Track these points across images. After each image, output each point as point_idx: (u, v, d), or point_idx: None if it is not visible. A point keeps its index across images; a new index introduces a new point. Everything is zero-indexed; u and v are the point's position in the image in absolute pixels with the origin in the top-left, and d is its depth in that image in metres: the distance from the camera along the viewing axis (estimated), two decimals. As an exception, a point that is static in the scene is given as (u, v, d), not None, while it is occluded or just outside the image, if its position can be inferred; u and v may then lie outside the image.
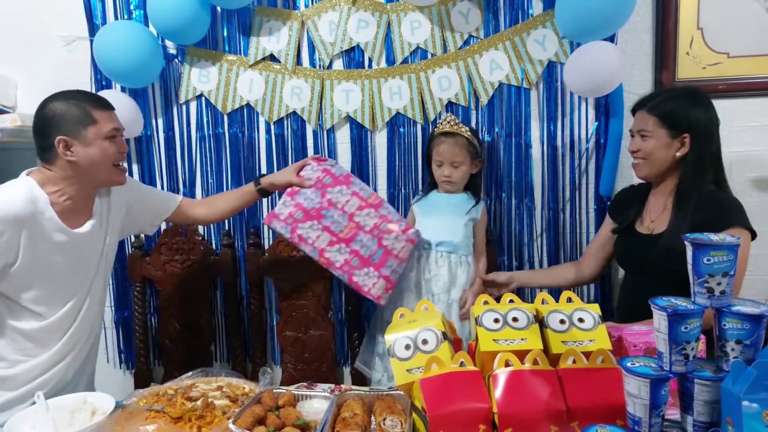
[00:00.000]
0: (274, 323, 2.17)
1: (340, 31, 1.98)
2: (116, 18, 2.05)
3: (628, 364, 1.05)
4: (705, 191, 1.48)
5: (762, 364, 0.90)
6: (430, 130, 1.79)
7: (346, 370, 2.18)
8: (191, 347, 2.20)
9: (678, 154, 1.49)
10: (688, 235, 1.01)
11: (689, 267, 1.01)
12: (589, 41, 1.76)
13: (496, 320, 1.27)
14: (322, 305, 2.11)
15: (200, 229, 2.16)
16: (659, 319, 1.01)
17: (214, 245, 2.17)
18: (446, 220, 1.78)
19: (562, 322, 1.27)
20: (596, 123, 1.93)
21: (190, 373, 1.64)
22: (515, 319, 1.27)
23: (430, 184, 1.86)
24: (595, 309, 1.29)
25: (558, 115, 1.96)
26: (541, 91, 1.95)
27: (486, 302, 1.39)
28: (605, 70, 1.72)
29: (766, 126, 1.89)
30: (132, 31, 1.91)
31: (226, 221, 2.14)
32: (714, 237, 1.00)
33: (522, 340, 1.23)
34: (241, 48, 2.04)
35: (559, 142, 1.97)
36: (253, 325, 2.15)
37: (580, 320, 1.28)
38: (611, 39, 1.84)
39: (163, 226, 2.17)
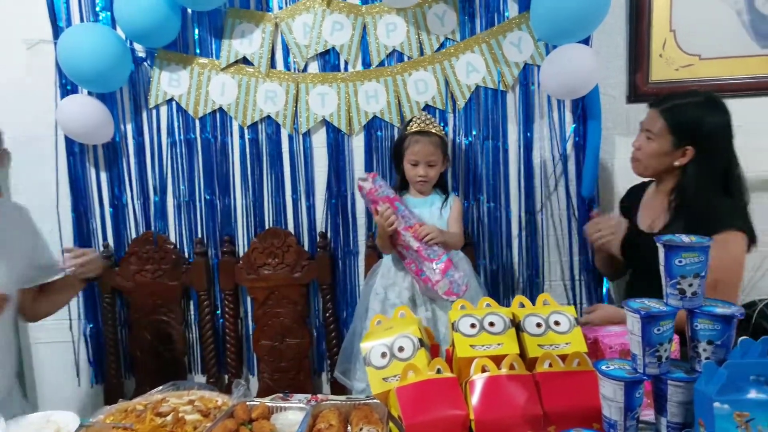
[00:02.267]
0: (250, 332, 2.11)
1: (315, 34, 1.95)
2: (82, 20, 1.99)
3: (603, 367, 1.03)
4: (704, 199, 1.44)
5: (733, 366, 0.89)
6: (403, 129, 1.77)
7: (325, 379, 2.14)
8: (164, 359, 2.13)
9: (677, 163, 1.46)
10: (660, 236, 1.00)
11: (661, 269, 1.00)
12: (564, 43, 1.76)
13: (473, 325, 1.25)
14: (298, 313, 2.07)
15: (172, 236, 2.10)
16: (632, 322, 1.00)
17: (186, 254, 2.10)
18: (427, 221, 1.75)
19: (538, 325, 1.26)
20: (574, 125, 1.94)
21: (161, 387, 1.58)
22: (492, 324, 1.25)
23: (400, 186, 1.83)
24: (571, 311, 1.28)
25: (535, 118, 1.95)
26: (517, 93, 1.95)
27: (463, 306, 1.37)
28: (580, 72, 1.72)
29: (740, 127, 1.90)
30: (97, 33, 1.85)
31: (198, 228, 2.08)
32: (685, 239, 0.99)
33: (498, 345, 1.21)
34: (213, 51, 2.00)
35: (536, 145, 1.96)
36: (228, 334, 2.09)
37: (556, 323, 1.26)
38: (586, 41, 1.85)
39: (134, 233, 2.11)
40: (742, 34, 1.86)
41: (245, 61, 1.99)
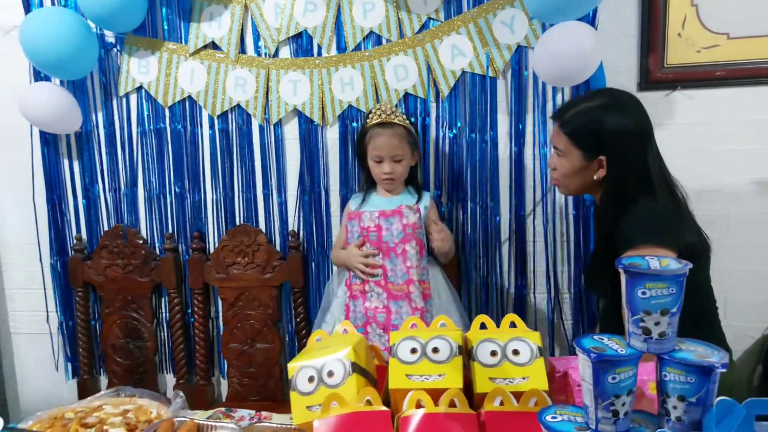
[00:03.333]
0: (221, 334, 2.00)
1: (286, 15, 1.79)
2: (53, 4, 1.91)
3: (548, 417, 0.84)
4: (616, 213, 1.20)
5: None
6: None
7: (298, 387, 2.00)
8: (135, 357, 2.06)
9: (596, 177, 1.23)
10: (622, 258, 0.79)
11: (623, 300, 0.79)
12: (562, 21, 1.52)
13: (414, 350, 1.08)
14: (269, 316, 1.94)
15: (143, 230, 2.02)
16: (584, 365, 0.80)
17: (157, 249, 2.01)
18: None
19: (493, 353, 1.08)
20: (572, 116, 1.69)
21: (104, 391, 1.50)
22: (435, 350, 1.07)
23: (366, 184, 1.65)
24: (535, 338, 1.08)
25: (528, 108, 1.72)
26: (509, 80, 1.72)
27: (415, 325, 1.20)
28: (577, 54, 1.48)
29: (773, 119, 1.61)
30: (59, 17, 1.76)
31: (169, 222, 1.98)
32: (653, 263, 0.77)
33: (440, 376, 1.04)
34: (182, 35, 1.87)
35: (529, 139, 1.73)
36: (198, 335, 1.99)
37: (515, 352, 1.07)
38: (591, 20, 1.60)
39: (106, 226, 2.03)
40: (781, 8, 1.56)
41: (214, 45, 1.86)
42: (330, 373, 1.07)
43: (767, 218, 1.66)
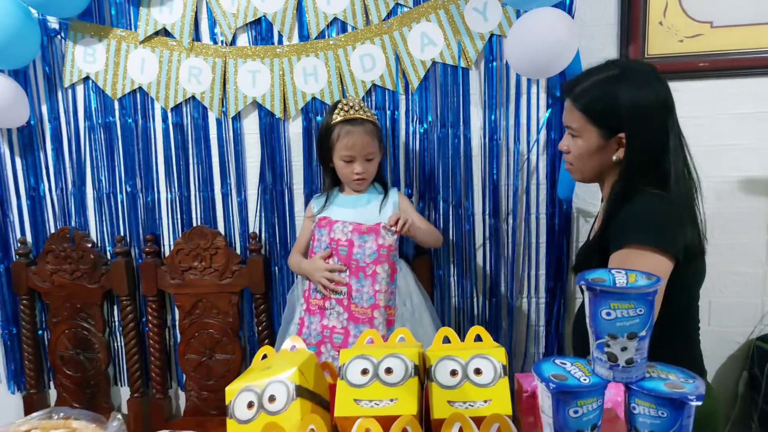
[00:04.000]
0: (178, 344, 1.86)
1: (244, 0, 1.66)
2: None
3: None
4: (636, 199, 1.06)
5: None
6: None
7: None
8: (85, 369, 1.91)
9: (615, 158, 1.10)
10: (583, 273, 0.68)
11: (587, 320, 0.68)
12: (535, 8, 1.41)
13: (365, 371, 0.96)
14: (229, 325, 1.80)
15: (92, 233, 1.87)
16: (543, 396, 0.69)
17: (108, 253, 1.87)
18: (366, 223, 1.44)
19: (453, 373, 0.96)
20: (549, 110, 1.59)
21: (36, 414, 1.34)
22: (389, 371, 0.95)
23: (329, 185, 1.53)
24: (499, 356, 0.96)
25: (503, 101, 1.61)
26: (482, 71, 1.61)
27: (371, 340, 1.08)
28: (551, 44, 1.37)
29: (759, 113, 1.52)
30: (-7, 0, 1.60)
31: (121, 224, 1.84)
32: (619, 278, 0.66)
33: (391, 401, 0.91)
34: (132, 21, 1.73)
35: (503, 134, 1.63)
36: (153, 346, 1.85)
37: (477, 371, 0.95)
38: (567, 7, 1.50)
39: (53, 228, 1.88)
40: (768, -5, 1.47)
41: (167, 33, 1.72)
42: (271, 398, 0.94)
43: (753, 217, 1.57)
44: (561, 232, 1.63)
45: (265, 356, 1.11)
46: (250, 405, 0.94)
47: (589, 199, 1.63)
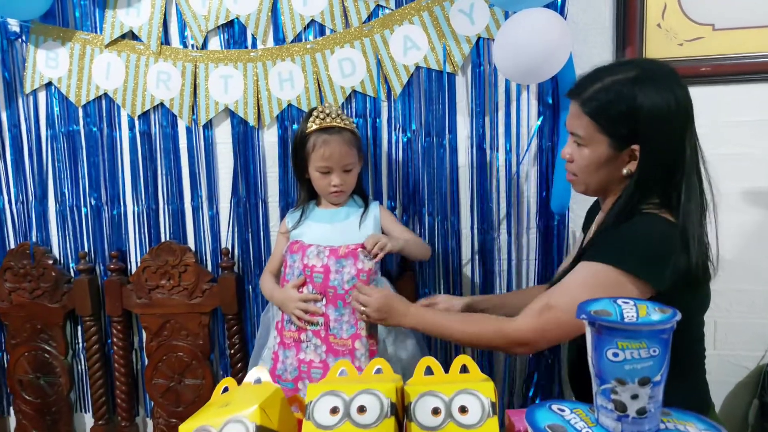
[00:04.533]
0: (145, 368, 1.74)
1: (215, 1, 1.55)
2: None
3: None
4: (637, 219, 0.95)
5: None
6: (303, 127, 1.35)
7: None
8: (46, 395, 1.78)
9: (625, 171, 0.97)
10: (584, 305, 0.57)
11: (589, 360, 0.57)
12: (524, 9, 1.32)
13: (335, 410, 0.84)
14: (199, 347, 1.68)
15: (54, 249, 1.75)
16: (539, 453, 0.57)
17: (71, 270, 1.75)
18: (339, 239, 1.33)
19: (435, 412, 0.84)
20: (540, 117, 1.49)
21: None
22: (362, 410, 0.84)
23: (304, 198, 1.42)
24: (487, 391, 0.85)
25: (491, 108, 1.51)
26: (469, 76, 1.51)
27: (344, 372, 0.97)
28: (541, 47, 1.27)
29: (764, 121, 1.43)
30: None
31: (84, 239, 1.72)
32: (627, 310, 0.55)
33: (364, 444, 0.80)
34: (97, 23, 1.63)
35: (491, 143, 1.52)
36: (118, 370, 1.72)
37: (462, 410, 0.84)
38: (559, 8, 1.40)
39: (12, 244, 1.76)
40: (772, -4, 1.38)
41: (134, 36, 1.61)
42: (229, 440, 0.83)
43: (759, 231, 1.47)
44: (553, 248, 1.52)
45: (226, 389, 0.99)
46: (206, 447, 0.83)
47: (585, 213, 1.52)
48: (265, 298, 1.43)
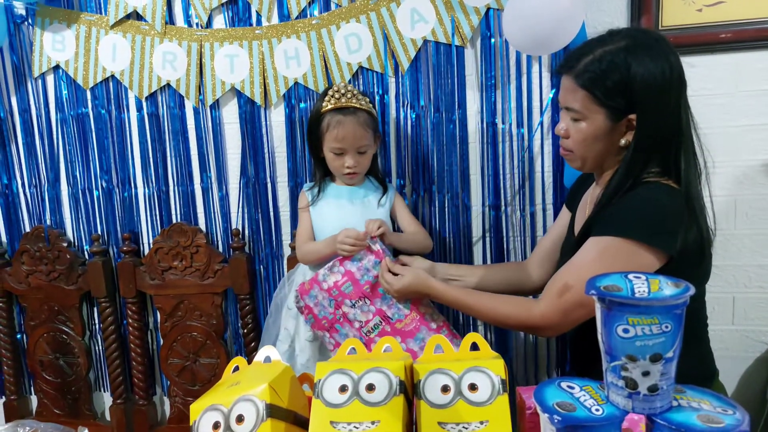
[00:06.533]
0: (161, 348, 1.76)
1: (219, -22, 1.53)
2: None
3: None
4: (639, 189, 0.94)
5: None
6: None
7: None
8: (66, 375, 1.82)
9: (623, 141, 0.96)
10: (594, 280, 0.55)
11: (599, 336, 0.55)
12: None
13: (343, 388, 0.84)
14: (213, 327, 1.70)
15: (68, 232, 1.77)
16: (545, 427, 0.56)
17: (85, 253, 1.77)
18: (359, 217, 1.32)
19: (445, 389, 0.84)
20: (553, 90, 1.45)
21: (0, 427, 1.25)
22: (370, 388, 0.83)
23: (320, 176, 1.40)
24: (497, 368, 0.84)
25: (501, 82, 1.47)
26: (478, 49, 1.47)
27: (354, 350, 0.97)
28: (553, 14, 1.23)
29: (788, 90, 1.37)
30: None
31: (97, 221, 1.74)
32: (639, 285, 0.53)
33: (373, 423, 0.80)
34: (101, 4, 1.61)
35: (502, 118, 1.49)
36: (134, 350, 1.75)
37: (472, 387, 0.83)
38: (572, -25, 1.35)
39: (27, 227, 1.79)
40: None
41: (138, 16, 1.60)
42: (239, 418, 0.83)
43: (781, 207, 1.42)
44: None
45: (237, 368, 0.99)
46: (216, 426, 0.83)
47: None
48: (308, 261, 1.37)
